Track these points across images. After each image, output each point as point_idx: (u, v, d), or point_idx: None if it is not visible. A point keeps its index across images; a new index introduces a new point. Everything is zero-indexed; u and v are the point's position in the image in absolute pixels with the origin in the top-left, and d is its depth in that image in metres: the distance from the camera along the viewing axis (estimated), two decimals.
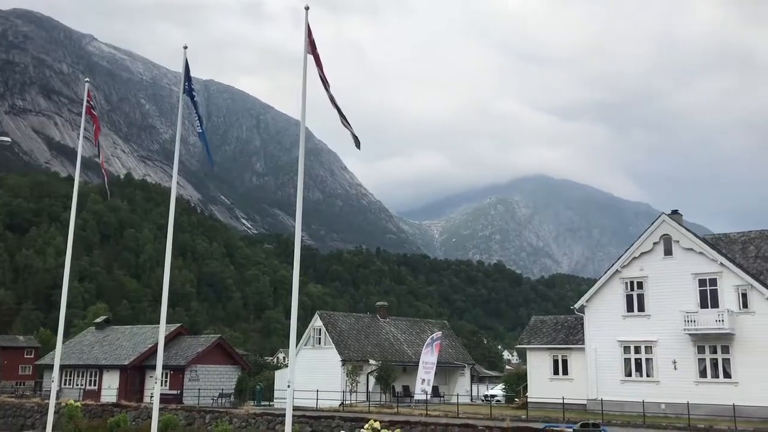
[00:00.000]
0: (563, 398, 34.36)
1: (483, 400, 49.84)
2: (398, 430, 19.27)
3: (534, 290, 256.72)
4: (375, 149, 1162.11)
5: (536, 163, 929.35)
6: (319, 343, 50.28)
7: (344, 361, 47.95)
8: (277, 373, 54.43)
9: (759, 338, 33.96)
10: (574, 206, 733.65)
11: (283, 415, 15.40)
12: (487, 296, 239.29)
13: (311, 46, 15.30)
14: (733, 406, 30.80)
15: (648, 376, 36.65)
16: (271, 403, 47.93)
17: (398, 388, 48.96)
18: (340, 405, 42.91)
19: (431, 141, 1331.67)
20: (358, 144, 15.29)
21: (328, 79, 15.12)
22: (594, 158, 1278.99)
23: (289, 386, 14.20)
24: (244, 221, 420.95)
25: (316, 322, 51.03)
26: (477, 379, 61.24)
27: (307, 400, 41.01)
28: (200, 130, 18.36)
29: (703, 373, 35.24)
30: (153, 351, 47.99)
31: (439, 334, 49.45)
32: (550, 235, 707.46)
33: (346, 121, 14.98)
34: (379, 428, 16.53)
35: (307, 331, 51.68)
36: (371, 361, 49.09)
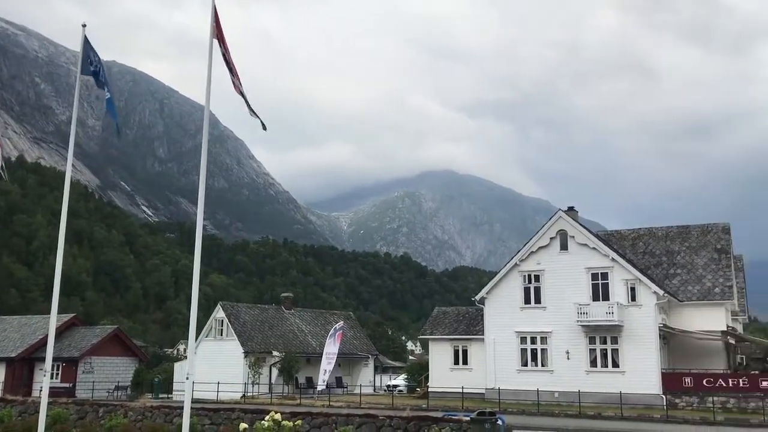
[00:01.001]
0: (463, 388, 35.28)
1: (386, 390, 50.46)
2: (299, 421, 19.23)
3: (438, 282, 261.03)
4: (284, 139, 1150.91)
5: (442, 157, 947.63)
6: (222, 335, 49.47)
7: (247, 353, 47.39)
8: (177, 365, 53.10)
9: (644, 330, 36.02)
10: (477, 201, 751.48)
11: (182, 408, 15.05)
12: (393, 288, 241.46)
13: (218, 31, 14.93)
14: (620, 393, 32.55)
15: (543, 365, 38.16)
16: (169, 396, 46.82)
17: (302, 380, 48.86)
18: (242, 397, 42.46)
19: (341, 132, 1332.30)
20: (263, 125, 15.05)
21: (234, 65, 14.81)
22: (497, 155, 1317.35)
23: (188, 378, 13.88)
24: (145, 209, 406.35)
25: (219, 313, 50.16)
26: (381, 369, 61.93)
27: (208, 392, 40.38)
28: (108, 95, 17.44)
29: (593, 363, 37.02)
30: (43, 342, 45.81)
31: (341, 324, 49.60)
32: (455, 228, 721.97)
33: (251, 109, 14.75)
34: (280, 420, 16.47)
35: (209, 322, 50.73)
36: (275, 353, 48.75)
